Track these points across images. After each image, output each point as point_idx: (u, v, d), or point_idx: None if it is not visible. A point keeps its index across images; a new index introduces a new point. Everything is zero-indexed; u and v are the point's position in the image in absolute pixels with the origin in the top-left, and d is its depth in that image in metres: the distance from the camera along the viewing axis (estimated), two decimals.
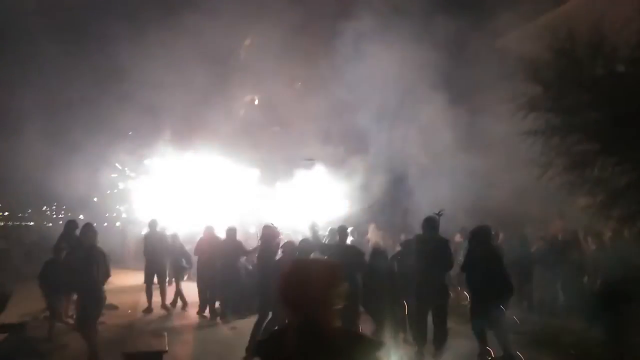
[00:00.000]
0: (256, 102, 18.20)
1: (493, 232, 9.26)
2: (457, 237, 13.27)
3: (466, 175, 14.79)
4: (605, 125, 6.29)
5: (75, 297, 9.33)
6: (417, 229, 10.15)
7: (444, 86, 13.26)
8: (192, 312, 12.22)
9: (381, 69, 13.84)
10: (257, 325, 7.59)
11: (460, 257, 11.63)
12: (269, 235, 8.53)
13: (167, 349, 4.64)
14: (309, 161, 14.87)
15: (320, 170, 14.16)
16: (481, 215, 14.21)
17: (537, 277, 12.64)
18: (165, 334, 5.75)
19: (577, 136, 6.70)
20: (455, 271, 11.49)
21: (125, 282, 17.22)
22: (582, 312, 9.33)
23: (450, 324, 8.40)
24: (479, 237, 8.22)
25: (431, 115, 13.96)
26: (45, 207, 34.13)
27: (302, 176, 14.19)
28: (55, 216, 34.11)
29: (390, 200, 16.44)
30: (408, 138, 13.63)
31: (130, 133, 18.53)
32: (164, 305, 13.25)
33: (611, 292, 7.47)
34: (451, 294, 8.28)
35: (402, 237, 12.66)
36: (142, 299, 13.11)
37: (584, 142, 6.69)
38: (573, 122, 6.59)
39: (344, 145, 14.17)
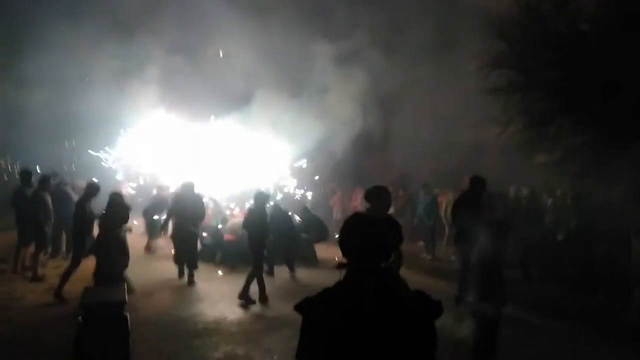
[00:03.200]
0: (221, 54, 17.61)
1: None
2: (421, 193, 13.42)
3: (428, 134, 14.95)
4: (565, 84, 6.42)
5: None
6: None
7: (411, 43, 13.06)
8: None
9: (346, 27, 13.52)
10: (252, 276, 7.88)
11: (420, 210, 11.85)
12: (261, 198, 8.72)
13: (127, 299, 4.59)
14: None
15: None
16: (440, 175, 14.52)
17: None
18: (126, 284, 5.70)
19: (537, 94, 6.83)
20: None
21: None
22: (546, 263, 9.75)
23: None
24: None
25: (397, 74, 13.84)
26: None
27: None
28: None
29: (353, 160, 16.44)
30: (372, 99, 13.45)
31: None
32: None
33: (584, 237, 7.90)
34: None
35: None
36: None
37: (544, 101, 6.84)
38: (534, 80, 6.70)
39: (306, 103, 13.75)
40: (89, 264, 7.00)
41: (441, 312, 1.88)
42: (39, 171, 11.67)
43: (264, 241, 8.04)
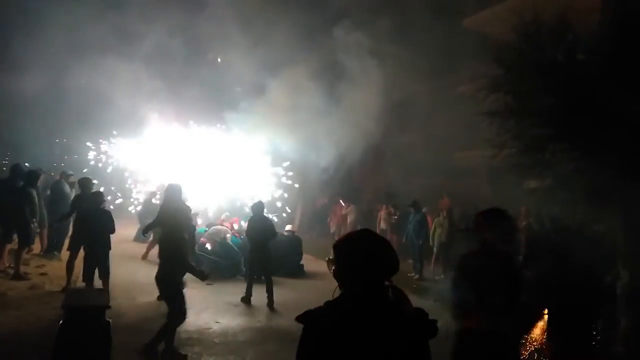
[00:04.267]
0: (219, 60, 17.62)
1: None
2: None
3: (420, 151, 15.04)
4: (560, 111, 6.49)
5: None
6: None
7: (409, 65, 13.07)
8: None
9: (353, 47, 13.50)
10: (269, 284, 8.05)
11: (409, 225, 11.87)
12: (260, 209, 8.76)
13: (110, 304, 4.51)
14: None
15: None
16: (429, 192, 14.59)
17: None
18: (109, 290, 5.57)
19: (532, 120, 6.90)
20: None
21: None
22: None
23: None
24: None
25: (394, 92, 13.86)
26: None
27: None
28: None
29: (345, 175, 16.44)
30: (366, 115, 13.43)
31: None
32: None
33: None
34: None
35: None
36: None
37: (538, 127, 6.91)
38: (530, 105, 6.77)
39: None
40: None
41: (437, 331, 1.93)
42: (27, 166, 11.55)
43: (268, 249, 8.41)
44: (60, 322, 4.22)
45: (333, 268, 1.99)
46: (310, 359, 1.89)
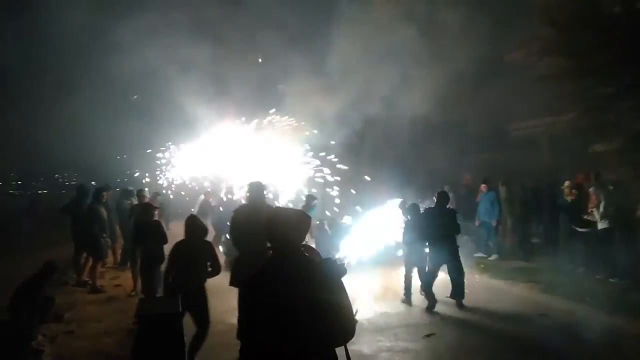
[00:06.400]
0: (260, 60, 17.72)
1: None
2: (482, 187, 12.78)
3: (477, 126, 14.52)
4: (622, 67, 6.05)
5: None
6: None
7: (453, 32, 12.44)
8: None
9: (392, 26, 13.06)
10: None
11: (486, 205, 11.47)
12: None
13: (181, 309, 4.64)
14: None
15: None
16: (489, 167, 14.03)
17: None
18: (180, 295, 5.68)
19: (591, 80, 6.47)
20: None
21: None
22: None
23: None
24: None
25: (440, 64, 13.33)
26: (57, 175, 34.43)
27: None
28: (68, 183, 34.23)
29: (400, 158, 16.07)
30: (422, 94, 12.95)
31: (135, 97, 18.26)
32: None
33: None
34: None
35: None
36: None
37: (599, 86, 6.47)
38: (587, 64, 6.35)
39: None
40: None
41: (344, 271, 2.68)
42: (94, 184, 12.14)
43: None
44: (136, 330, 4.37)
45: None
46: (246, 309, 2.52)
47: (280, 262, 2.55)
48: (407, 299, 7.61)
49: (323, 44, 13.08)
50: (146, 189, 10.69)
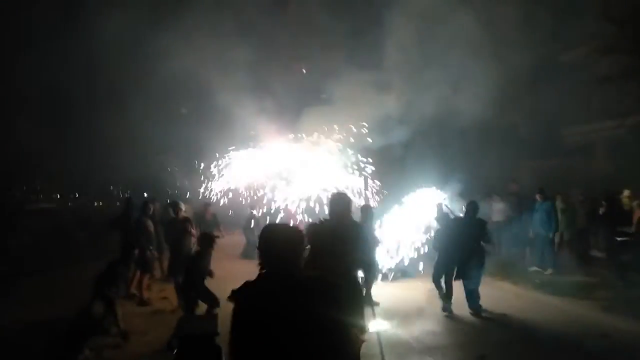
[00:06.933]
0: (304, 71, 17.72)
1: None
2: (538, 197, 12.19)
3: (528, 134, 13.84)
4: None
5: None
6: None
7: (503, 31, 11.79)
8: None
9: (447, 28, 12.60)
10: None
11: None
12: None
13: (219, 331, 4.52)
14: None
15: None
16: (542, 175, 13.31)
17: None
18: (218, 313, 5.61)
19: None
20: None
21: None
22: None
23: None
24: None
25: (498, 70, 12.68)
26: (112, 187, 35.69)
27: None
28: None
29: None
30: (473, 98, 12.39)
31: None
32: None
33: None
34: None
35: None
36: None
37: None
38: None
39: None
40: None
41: (336, 287, 2.59)
42: (145, 195, 12.42)
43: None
44: (174, 349, 4.29)
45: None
46: (237, 326, 2.42)
47: (272, 282, 2.49)
48: (447, 306, 7.50)
49: (371, 48, 12.90)
50: (181, 202, 10.64)
